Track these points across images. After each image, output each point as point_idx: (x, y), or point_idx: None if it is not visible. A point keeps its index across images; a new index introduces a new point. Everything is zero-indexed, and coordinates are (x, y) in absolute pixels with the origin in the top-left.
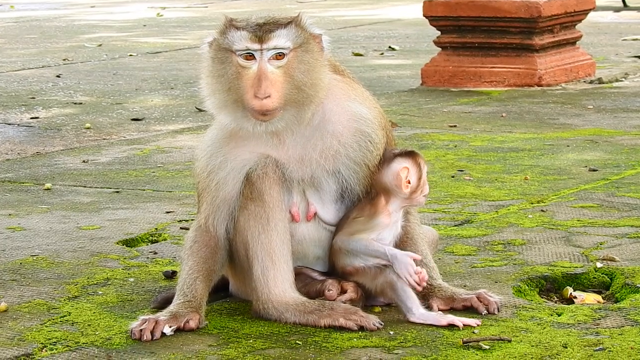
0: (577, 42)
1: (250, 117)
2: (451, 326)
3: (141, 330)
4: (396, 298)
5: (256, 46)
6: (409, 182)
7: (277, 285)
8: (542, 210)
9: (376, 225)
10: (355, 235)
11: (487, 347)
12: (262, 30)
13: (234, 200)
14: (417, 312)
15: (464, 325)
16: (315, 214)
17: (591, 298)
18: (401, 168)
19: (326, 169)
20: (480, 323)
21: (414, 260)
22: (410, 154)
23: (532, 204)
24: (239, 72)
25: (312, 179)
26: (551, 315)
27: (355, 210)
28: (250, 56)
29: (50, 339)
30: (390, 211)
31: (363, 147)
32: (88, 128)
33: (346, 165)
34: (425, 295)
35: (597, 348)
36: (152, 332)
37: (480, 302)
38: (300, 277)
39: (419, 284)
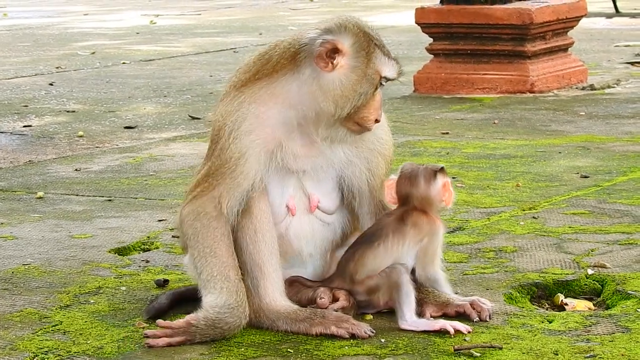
0: (569, 49)
1: (345, 129)
2: (442, 332)
3: None
4: (396, 299)
5: (399, 77)
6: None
7: (268, 294)
8: (533, 217)
9: (442, 239)
10: (437, 260)
11: (479, 354)
12: (400, 65)
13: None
14: (410, 319)
15: (455, 330)
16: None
17: (582, 305)
18: (444, 183)
19: (330, 161)
20: (471, 330)
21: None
22: (442, 169)
23: (523, 210)
24: (371, 94)
25: (312, 169)
26: (542, 322)
27: (411, 229)
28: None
29: (41, 348)
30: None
31: (373, 160)
32: (81, 136)
33: (352, 169)
34: (419, 301)
35: (588, 355)
36: None
37: (474, 308)
38: (293, 285)
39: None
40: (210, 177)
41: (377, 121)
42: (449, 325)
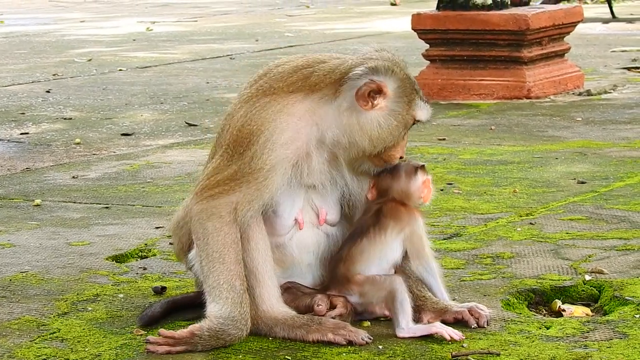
0: (566, 54)
1: (372, 163)
2: (438, 338)
3: None
4: (392, 309)
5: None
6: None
7: (264, 302)
8: (530, 223)
9: (424, 232)
10: (425, 250)
11: None
12: (431, 108)
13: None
14: (406, 327)
15: (450, 337)
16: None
17: (580, 311)
18: (424, 180)
19: (340, 177)
20: (464, 338)
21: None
22: (423, 166)
23: (520, 216)
24: (400, 137)
25: (322, 185)
26: (540, 328)
27: (390, 220)
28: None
29: (40, 356)
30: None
31: None
32: (78, 143)
33: (357, 184)
34: (417, 308)
35: None
36: None
37: (471, 315)
38: (290, 291)
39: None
40: (233, 182)
41: (401, 158)
42: (445, 330)
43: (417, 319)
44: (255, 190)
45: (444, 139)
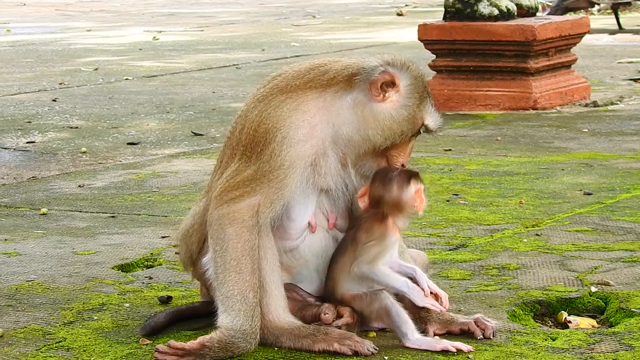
0: (572, 66)
1: (376, 164)
2: (445, 351)
3: None
4: (391, 324)
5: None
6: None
7: (271, 311)
8: (536, 235)
9: (390, 245)
10: (376, 261)
11: None
12: (442, 120)
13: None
14: (412, 337)
15: (457, 350)
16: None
17: (586, 322)
18: (417, 189)
19: (349, 184)
20: (472, 349)
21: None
22: (416, 175)
23: (526, 228)
24: (408, 138)
25: (332, 189)
26: (546, 339)
27: (363, 234)
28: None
29: None
30: (399, 228)
31: None
32: (84, 152)
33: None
34: (423, 319)
35: None
36: None
37: (477, 326)
38: (296, 300)
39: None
40: (254, 182)
41: (402, 165)
42: (451, 345)
43: (422, 330)
44: (276, 189)
45: (450, 150)
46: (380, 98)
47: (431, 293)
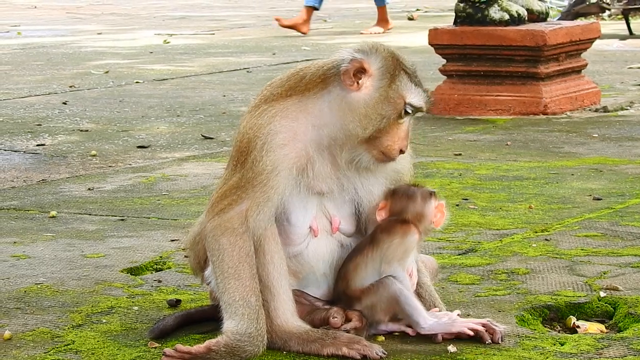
0: (583, 71)
1: (370, 156)
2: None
3: None
4: (402, 313)
5: (423, 109)
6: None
7: (279, 316)
8: (546, 239)
9: (410, 247)
10: (404, 260)
11: None
12: (430, 97)
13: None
14: (426, 324)
15: (475, 332)
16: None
17: (594, 327)
18: (438, 204)
19: (350, 187)
20: (501, 329)
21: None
22: (434, 194)
23: (536, 232)
24: (394, 121)
25: (333, 192)
26: (554, 344)
27: (384, 235)
28: (408, 113)
29: None
30: (421, 233)
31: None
32: (94, 155)
33: (370, 198)
34: None
35: None
36: None
37: (486, 330)
38: (304, 305)
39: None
40: (239, 190)
41: (401, 152)
42: (467, 328)
43: (430, 335)
44: (261, 193)
45: (460, 154)
46: (355, 87)
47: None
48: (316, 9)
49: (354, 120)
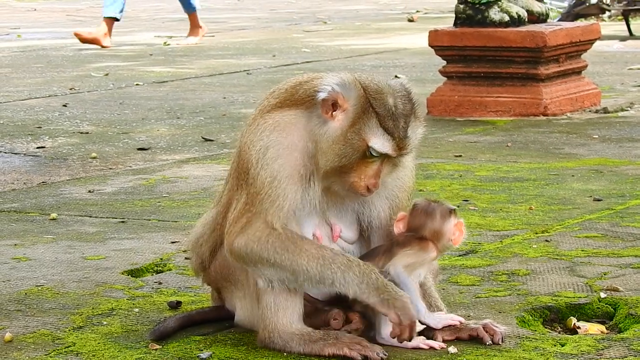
0: (583, 72)
1: (341, 187)
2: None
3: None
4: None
5: (393, 154)
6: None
7: (286, 316)
8: (546, 240)
9: (425, 260)
10: (411, 268)
11: None
12: (405, 139)
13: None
14: (386, 336)
15: (429, 347)
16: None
17: (595, 328)
18: (457, 223)
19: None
20: (444, 347)
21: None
22: (455, 211)
23: (536, 234)
24: (360, 160)
25: (328, 200)
26: (555, 345)
27: (405, 242)
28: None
29: None
30: (438, 250)
31: (394, 200)
32: (94, 158)
33: (371, 209)
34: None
35: None
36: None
37: (486, 332)
38: (306, 307)
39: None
40: (251, 205)
41: (369, 189)
42: (423, 343)
43: (430, 336)
44: (271, 204)
45: (460, 156)
46: (329, 116)
47: None
48: (117, 19)
49: (321, 150)
